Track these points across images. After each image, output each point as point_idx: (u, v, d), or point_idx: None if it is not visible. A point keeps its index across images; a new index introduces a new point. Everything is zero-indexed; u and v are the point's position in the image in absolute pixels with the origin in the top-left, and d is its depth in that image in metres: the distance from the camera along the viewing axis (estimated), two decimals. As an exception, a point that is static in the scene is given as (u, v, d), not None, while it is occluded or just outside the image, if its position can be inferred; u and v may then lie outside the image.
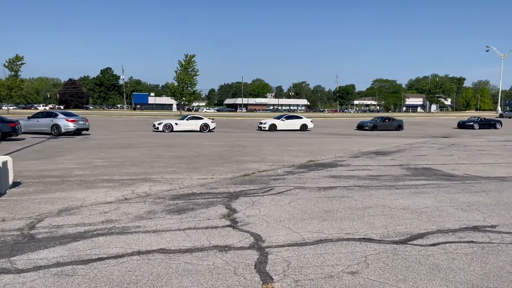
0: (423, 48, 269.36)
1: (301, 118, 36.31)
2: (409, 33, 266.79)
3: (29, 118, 25.74)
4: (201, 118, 32.23)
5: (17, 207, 7.02)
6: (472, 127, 40.37)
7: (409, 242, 5.40)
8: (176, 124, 30.60)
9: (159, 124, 30.40)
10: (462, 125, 41.85)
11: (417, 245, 5.30)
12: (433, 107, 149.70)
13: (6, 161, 8.34)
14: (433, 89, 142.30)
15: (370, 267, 4.52)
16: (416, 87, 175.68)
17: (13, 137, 21.14)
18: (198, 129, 30.95)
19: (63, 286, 3.95)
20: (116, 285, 4.00)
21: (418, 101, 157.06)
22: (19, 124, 21.41)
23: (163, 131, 29.89)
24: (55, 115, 25.70)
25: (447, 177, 10.90)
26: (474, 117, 45.82)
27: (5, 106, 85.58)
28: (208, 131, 30.94)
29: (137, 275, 4.24)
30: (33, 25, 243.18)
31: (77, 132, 25.63)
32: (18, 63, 67.37)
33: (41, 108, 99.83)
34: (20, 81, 69.37)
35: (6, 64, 66.77)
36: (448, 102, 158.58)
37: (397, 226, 6.14)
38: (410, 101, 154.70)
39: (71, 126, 24.96)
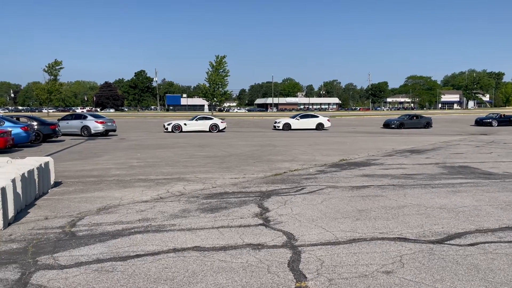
0: (458, 44, 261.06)
1: (317, 117, 35.72)
2: (444, 29, 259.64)
3: (59, 120, 26.50)
4: (210, 118, 32.48)
5: (58, 206, 7.32)
6: (490, 124, 38.37)
7: (446, 242, 5.27)
8: (185, 124, 30.72)
9: (168, 125, 30.70)
10: (479, 122, 39.98)
11: (454, 245, 5.17)
12: (470, 103, 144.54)
13: (48, 162, 8.72)
14: (470, 85, 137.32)
15: (406, 267, 4.45)
16: (452, 83, 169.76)
17: (53, 139, 22.04)
18: (208, 130, 31.03)
19: (103, 282, 4.10)
20: (153, 281, 4.12)
21: (455, 97, 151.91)
22: (59, 126, 22.27)
23: (172, 131, 30.15)
24: (85, 117, 26.63)
25: (485, 176, 10.54)
26: (493, 113, 43.72)
27: (45, 109, 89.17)
28: (217, 131, 30.94)
29: (173, 271, 4.35)
30: (71, 31, 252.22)
31: (105, 133, 26.41)
32: (57, 67, 70.30)
33: (78, 110, 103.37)
34: (59, 85, 72.21)
35: (46, 68, 69.85)
36: (486, 98, 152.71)
37: (433, 226, 6.00)
38: (445, 97, 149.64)
39: (100, 127, 25.80)
